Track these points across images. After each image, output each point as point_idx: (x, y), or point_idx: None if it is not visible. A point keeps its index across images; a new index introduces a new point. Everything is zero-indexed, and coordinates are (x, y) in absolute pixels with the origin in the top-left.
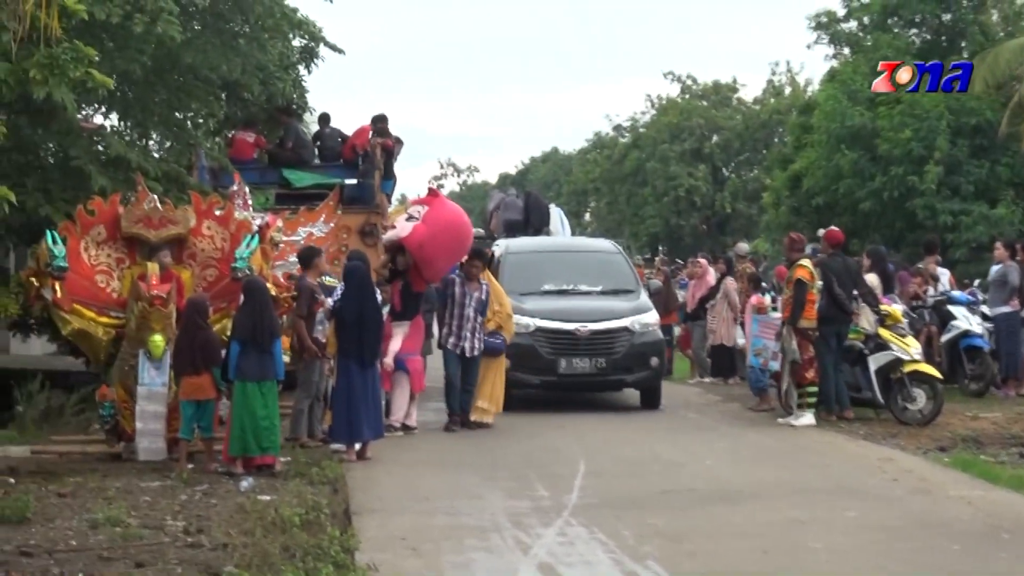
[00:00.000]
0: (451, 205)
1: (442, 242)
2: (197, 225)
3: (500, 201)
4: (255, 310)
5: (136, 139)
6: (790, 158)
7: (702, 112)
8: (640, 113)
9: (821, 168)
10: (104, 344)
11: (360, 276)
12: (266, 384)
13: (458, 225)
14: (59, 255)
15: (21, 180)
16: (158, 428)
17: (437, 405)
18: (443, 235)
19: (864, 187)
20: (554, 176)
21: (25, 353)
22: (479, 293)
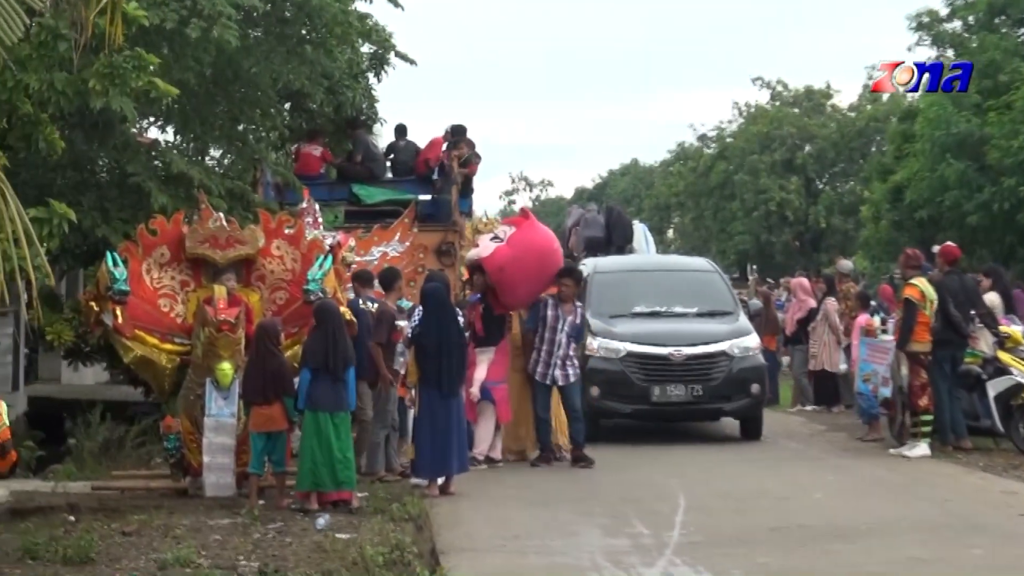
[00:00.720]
0: (542, 229)
1: (525, 267)
2: (266, 245)
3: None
4: (328, 335)
5: (196, 154)
6: (890, 169)
7: (793, 120)
8: (727, 122)
9: (924, 179)
10: (168, 372)
11: (439, 299)
12: (339, 415)
13: (546, 251)
14: (120, 278)
15: (76, 198)
16: (227, 462)
17: None
18: (527, 260)
19: (972, 199)
20: (634, 190)
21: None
22: (573, 317)
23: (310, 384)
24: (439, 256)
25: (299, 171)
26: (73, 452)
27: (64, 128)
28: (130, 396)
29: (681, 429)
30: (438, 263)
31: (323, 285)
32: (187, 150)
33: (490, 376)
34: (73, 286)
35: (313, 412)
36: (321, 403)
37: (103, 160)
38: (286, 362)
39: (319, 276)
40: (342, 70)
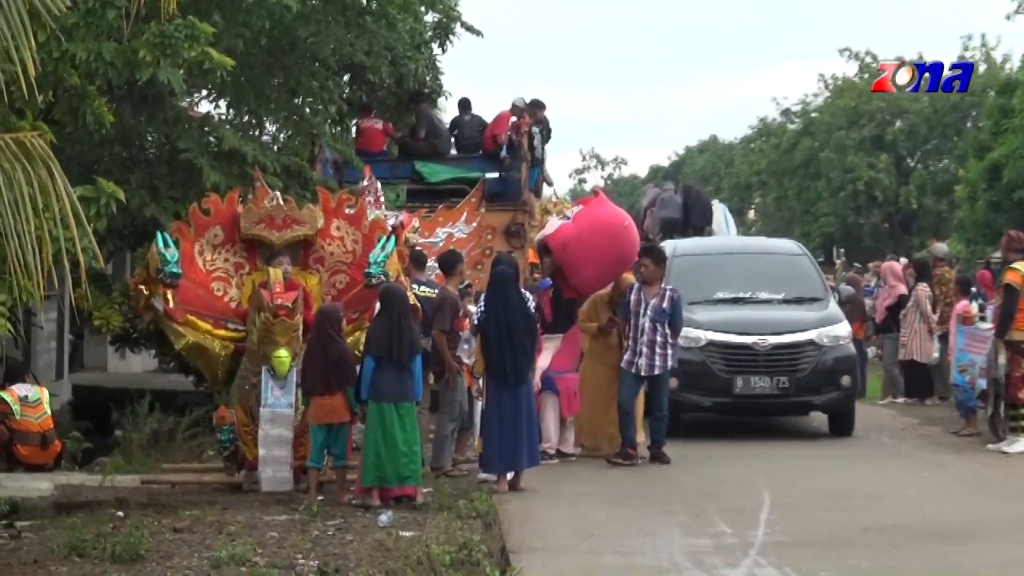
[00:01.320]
0: (610, 206)
1: (591, 245)
2: (326, 225)
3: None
4: (393, 321)
5: (250, 129)
6: (987, 145)
7: (883, 94)
8: (812, 96)
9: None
10: (222, 360)
11: (506, 283)
12: (404, 405)
13: (613, 228)
14: (171, 260)
15: (125, 176)
16: (284, 455)
17: None
18: (592, 237)
19: None
20: (713, 168)
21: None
22: (657, 300)
23: (374, 373)
24: (508, 238)
25: (361, 147)
26: (121, 444)
27: (112, 101)
28: (181, 385)
29: (766, 424)
30: (507, 245)
31: (385, 268)
32: (241, 125)
33: (555, 365)
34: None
35: (377, 403)
36: (385, 393)
37: (152, 135)
38: (348, 349)
39: (381, 258)
40: (404, 41)
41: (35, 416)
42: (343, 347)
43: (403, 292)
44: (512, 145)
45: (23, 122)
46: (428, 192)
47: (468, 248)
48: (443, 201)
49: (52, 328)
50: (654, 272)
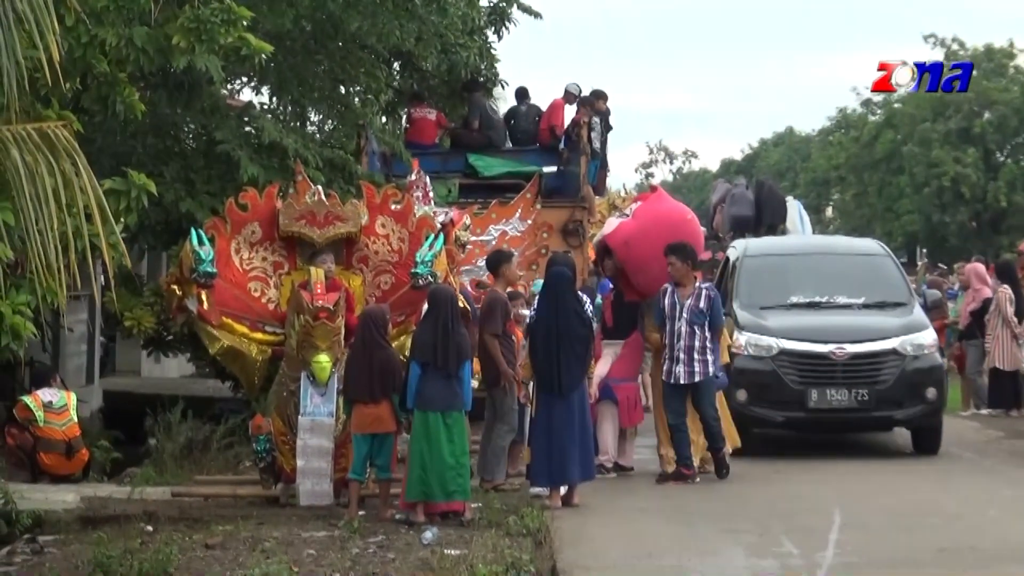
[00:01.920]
0: (670, 200)
1: (654, 241)
2: (370, 222)
3: (726, 193)
4: (440, 325)
5: (293, 119)
6: None
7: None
8: None
9: None
10: (259, 365)
11: (562, 285)
12: (452, 415)
13: (675, 221)
14: (206, 258)
15: (158, 168)
16: (323, 467)
17: None
18: (655, 232)
19: None
20: (789, 162)
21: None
22: (693, 300)
23: (419, 380)
24: (565, 236)
25: (411, 138)
26: (152, 454)
27: (145, 90)
28: (218, 392)
29: (841, 440)
30: (564, 244)
31: (433, 268)
32: (283, 115)
33: (614, 373)
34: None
35: (423, 412)
36: (432, 402)
37: (188, 126)
38: (395, 354)
39: (429, 258)
40: (456, 26)
41: (60, 423)
42: (389, 352)
43: (451, 294)
44: (570, 137)
45: (49, 111)
46: (482, 187)
47: (523, 247)
48: (497, 196)
49: (82, 330)
50: (682, 271)
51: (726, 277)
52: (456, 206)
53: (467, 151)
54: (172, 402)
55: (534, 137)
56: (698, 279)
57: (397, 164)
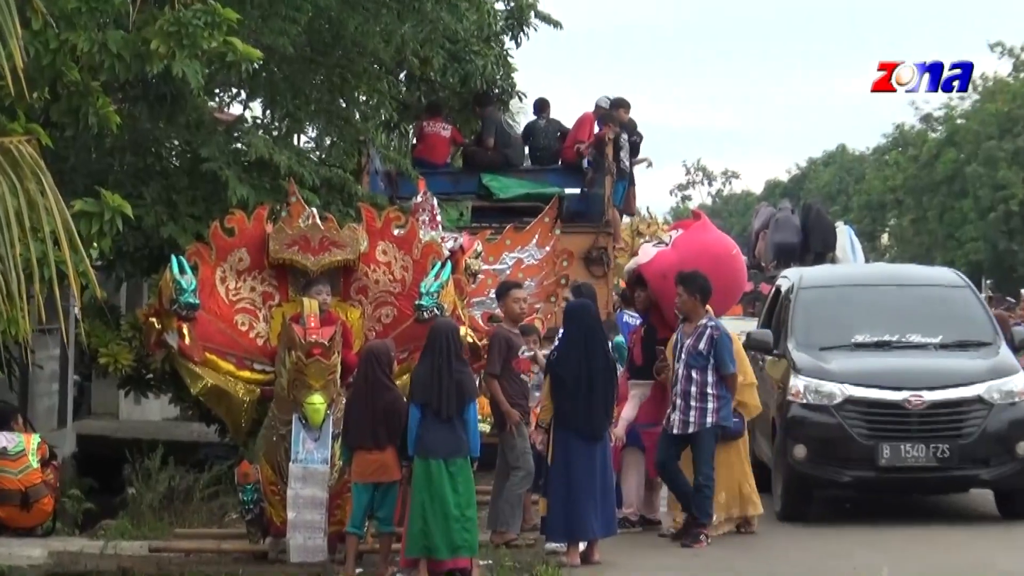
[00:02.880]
0: (714, 230)
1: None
2: (370, 249)
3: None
4: (437, 364)
5: (287, 135)
6: None
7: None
8: (957, 99)
9: None
10: (245, 407)
11: (585, 318)
12: (456, 462)
13: (719, 255)
14: (188, 288)
15: (137, 189)
16: (317, 519)
17: None
18: (697, 265)
19: None
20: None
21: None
22: (693, 340)
23: (420, 425)
24: (588, 264)
25: (421, 155)
26: (129, 504)
27: (122, 101)
28: (202, 436)
29: (914, 504)
30: (587, 273)
31: (440, 300)
32: (275, 129)
33: (642, 417)
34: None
35: (424, 460)
36: (433, 448)
37: (170, 142)
38: (401, 396)
39: (435, 288)
40: (470, 32)
41: (14, 471)
42: (395, 394)
43: (452, 327)
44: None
45: (14, 124)
46: (496, 210)
47: (540, 276)
48: (513, 221)
49: (53, 368)
50: (689, 304)
51: (776, 311)
52: (467, 231)
53: (481, 170)
54: (152, 447)
55: (556, 155)
56: (706, 315)
57: (404, 184)
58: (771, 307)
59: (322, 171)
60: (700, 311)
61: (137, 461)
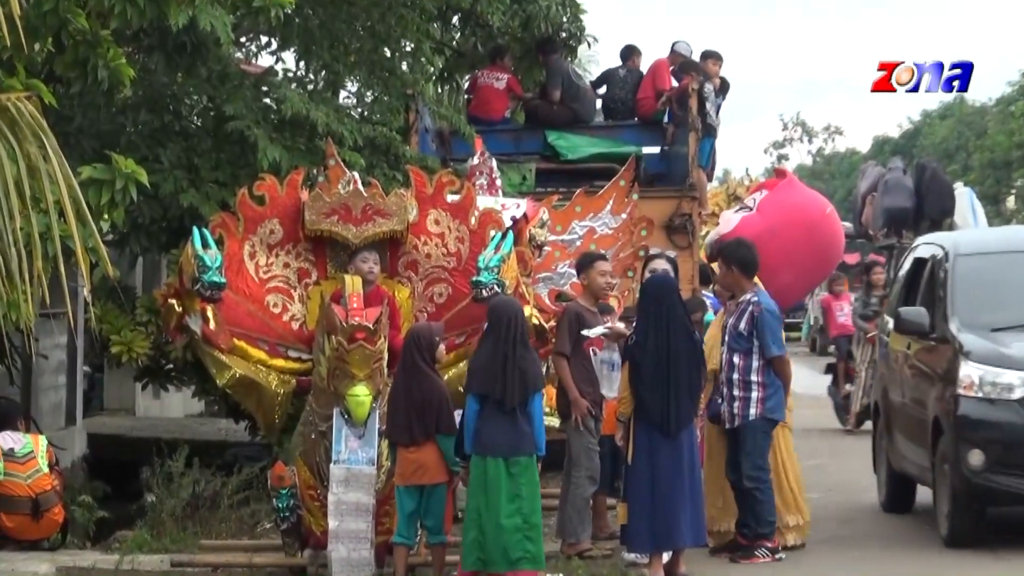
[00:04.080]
0: (803, 189)
1: (787, 242)
2: (420, 218)
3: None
4: (500, 349)
5: (324, 89)
6: None
7: None
8: None
9: None
10: (279, 400)
11: (665, 297)
12: (518, 461)
13: (809, 219)
14: (212, 265)
15: (153, 152)
16: (362, 528)
17: None
18: (786, 233)
19: None
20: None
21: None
22: (734, 319)
23: (477, 418)
24: (670, 234)
25: (475, 112)
26: (148, 512)
27: (135, 52)
28: (230, 434)
29: None
30: (668, 243)
31: (500, 275)
32: (311, 83)
33: None
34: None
35: (481, 458)
36: (492, 445)
37: (191, 98)
38: (442, 385)
39: (495, 263)
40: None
41: (24, 475)
42: (434, 382)
43: (516, 307)
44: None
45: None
46: (564, 173)
47: (615, 248)
48: (583, 184)
49: (60, 358)
50: (727, 278)
51: (920, 285)
52: (531, 197)
53: (546, 127)
54: (174, 447)
55: (632, 110)
56: (752, 290)
57: (457, 144)
58: (910, 281)
59: (364, 130)
60: (744, 285)
61: (156, 463)
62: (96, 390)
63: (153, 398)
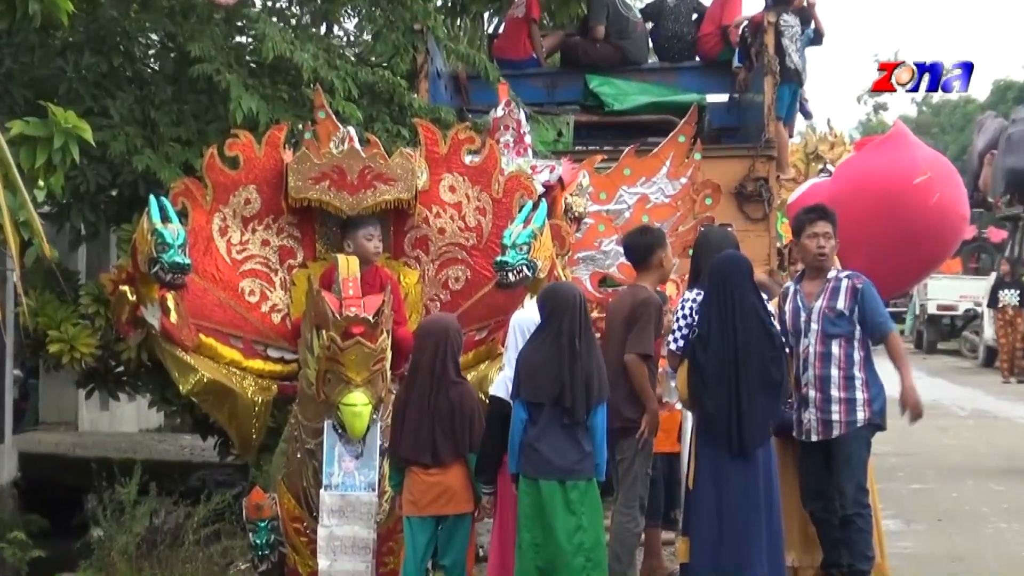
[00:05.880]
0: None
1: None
2: (432, 185)
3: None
4: (562, 344)
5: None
6: None
7: None
8: None
9: None
10: (257, 411)
11: (739, 277)
12: (578, 486)
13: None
14: (173, 243)
15: (101, 103)
16: (360, 570)
17: None
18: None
19: None
20: None
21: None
22: (825, 299)
23: (526, 430)
24: (741, 203)
25: (500, 52)
26: (95, 551)
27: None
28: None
29: None
30: (738, 214)
31: (530, 255)
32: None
33: None
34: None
35: (532, 481)
36: (547, 464)
37: (146, 36)
38: (472, 393)
39: (524, 239)
40: None
41: None
42: (464, 387)
43: (578, 295)
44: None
45: None
46: (610, 127)
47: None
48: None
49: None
50: (831, 250)
51: None
52: (569, 157)
53: (587, 71)
54: (126, 470)
55: (690, 47)
56: (837, 266)
57: (477, 92)
58: None
59: (362, 74)
60: (817, 256)
61: (105, 490)
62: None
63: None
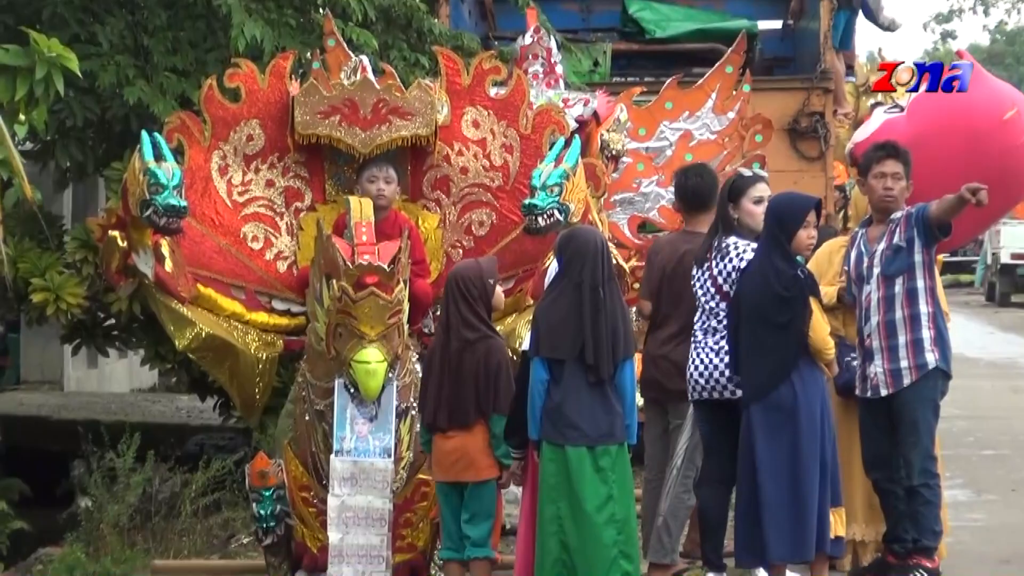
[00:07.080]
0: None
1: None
2: (453, 120)
3: None
4: (583, 297)
5: None
6: None
7: None
8: None
9: None
10: (261, 369)
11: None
12: (609, 451)
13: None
14: (168, 183)
15: (89, 30)
16: (375, 543)
17: None
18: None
19: None
20: None
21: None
22: (885, 241)
23: (547, 391)
24: (794, 140)
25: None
26: (83, 522)
27: None
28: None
29: None
30: (792, 152)
31: (563, 197)
32: None
33: None
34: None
35: (558, 447)
36: (572, 429)
37: None
38: (502, 346)
39: (554, 179)
40: None
41: None
42: (494, 342)
43: (600, 240)
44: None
45: None
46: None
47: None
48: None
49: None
50: (874, 190)
51: None
52: (605, 90)
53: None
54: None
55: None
56: None
57: (504, 17)
58: None
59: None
60: (884, 197)
61: (94, 455)
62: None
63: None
